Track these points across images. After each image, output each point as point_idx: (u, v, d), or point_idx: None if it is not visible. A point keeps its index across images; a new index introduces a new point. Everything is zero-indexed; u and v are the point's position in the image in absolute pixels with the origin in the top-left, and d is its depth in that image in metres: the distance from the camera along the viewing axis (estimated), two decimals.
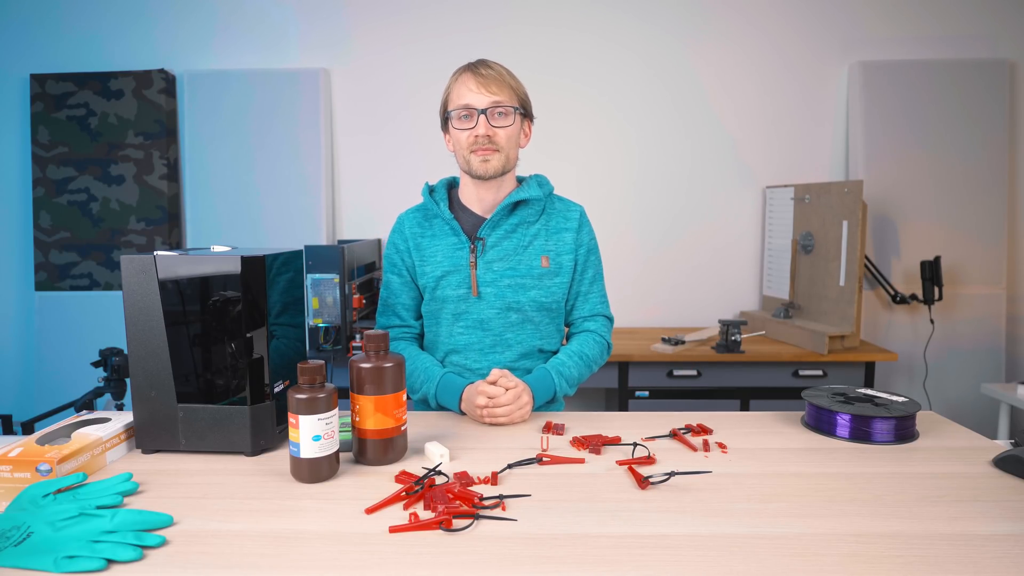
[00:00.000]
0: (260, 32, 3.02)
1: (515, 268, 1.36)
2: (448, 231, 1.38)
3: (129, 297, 1.07)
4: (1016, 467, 1.00)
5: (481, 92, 1.29)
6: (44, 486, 0.90)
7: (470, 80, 1.30)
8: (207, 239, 3.03)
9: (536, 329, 1.39)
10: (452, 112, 1.32)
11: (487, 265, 1.36)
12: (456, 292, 1.36)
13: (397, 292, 1.42)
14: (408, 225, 1.42)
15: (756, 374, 2.56)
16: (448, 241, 1.38)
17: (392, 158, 3.06)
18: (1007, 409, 2.57)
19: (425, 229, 1.40)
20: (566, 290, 1.42)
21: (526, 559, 0.77)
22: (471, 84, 1.30)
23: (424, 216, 1.42)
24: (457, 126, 1.32)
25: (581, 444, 1.14)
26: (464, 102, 1.30)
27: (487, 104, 1.29)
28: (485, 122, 1.29)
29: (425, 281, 1.38)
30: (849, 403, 1.21)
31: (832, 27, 2.95)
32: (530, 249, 1.37)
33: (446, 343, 1.40)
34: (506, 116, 1.31)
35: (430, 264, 1.38)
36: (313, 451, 0.97)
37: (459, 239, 1.37)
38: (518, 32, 2.96)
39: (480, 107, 1.29)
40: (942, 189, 2.90)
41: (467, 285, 1.36)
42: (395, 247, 1.42)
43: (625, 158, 3.04)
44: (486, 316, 1.36)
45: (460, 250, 1.36)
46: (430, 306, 1.40)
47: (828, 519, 0.86)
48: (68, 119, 2.98)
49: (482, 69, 1.31)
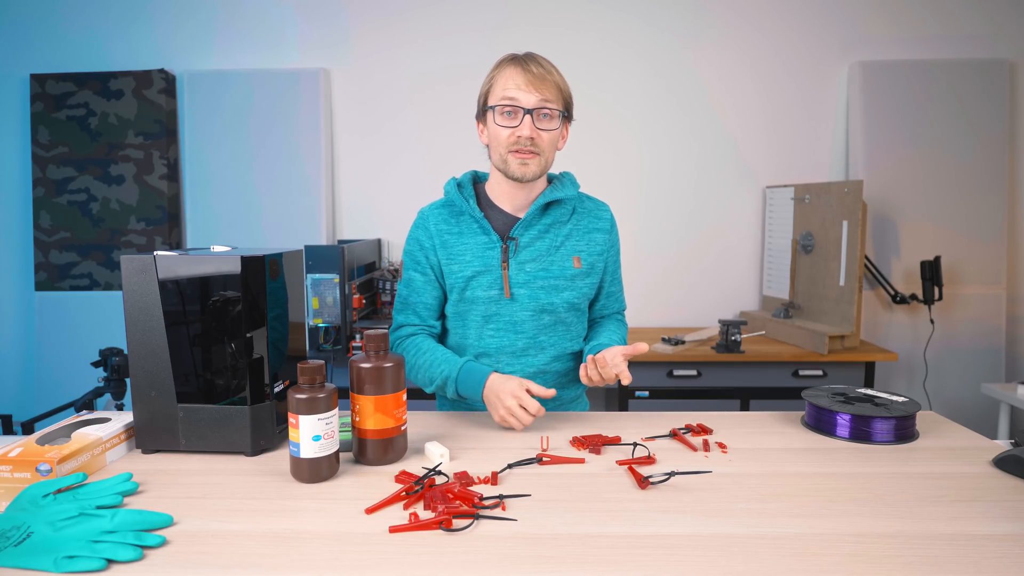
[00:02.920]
0: (260, 32, 3.02)
1: (547, 269, 1.31)
2: (477, 229, 1.32)
3: (129, 297, 1.07)
4: (1016, 467, 1.00)
5: (530, 90, 1.22)
6: (44, 486, 0.90)
7: (519, 75, 1.22)
8: (207, 239, 3.02)
9: (567, 330, 1.36)
10: (495, 106, 1.24)
11: (519, 266, 1.30)
12: (487, 293, 1.30)
13: (419, 290, 1.34)
14: (433, 221, 1.34)
15: (756, 374, 2.56)
16: (478, 240, 1.31)
17: (392, 158, 3.06)
18: (1007, 409, 2.57)
19: (452, 226, 1.33)
20: (595, 290, 1.40)
21: (526, 559, 0.77)
22: (519, 79, 1.22)
23: (450, 212, 1.34)
24: (500, 122, 1.24)
25: (581, 444, 1.14)
26: (511, 96, 1.22)
27: (534, 104, 1.22)
28: (530, 123, 1.22)
29: (453, 281, 1.32)
30: (849, 403, 1.21)
31: (832, 27, 2.95)
32: (562, 250, 1.33)
33: (475, 346, 1.34)
34: (551, 119, 1.25)
35: (458, 263, 1.31)
36: (313, 451, 0.97)
37: (490, 238, 1.31)
38: (519, 33, 2.96)
39: (527, 106, 1.22)
40: (942, 189, 2.90)
41: (499, 286, 1.30)
42: (419, 243, 1.34)
43: (625, 158, 3.04)
44: (519, 318, 1.31)
45: (491, 250, 1.31)
46: (458, 307, 1.34)
47: (828, 519, 0.86)
48: (68, 119, 2.98)
49: (532, 66, 1.23)
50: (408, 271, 1.36)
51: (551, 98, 1.24)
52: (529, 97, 1.22)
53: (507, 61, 1.27)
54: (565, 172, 1.42)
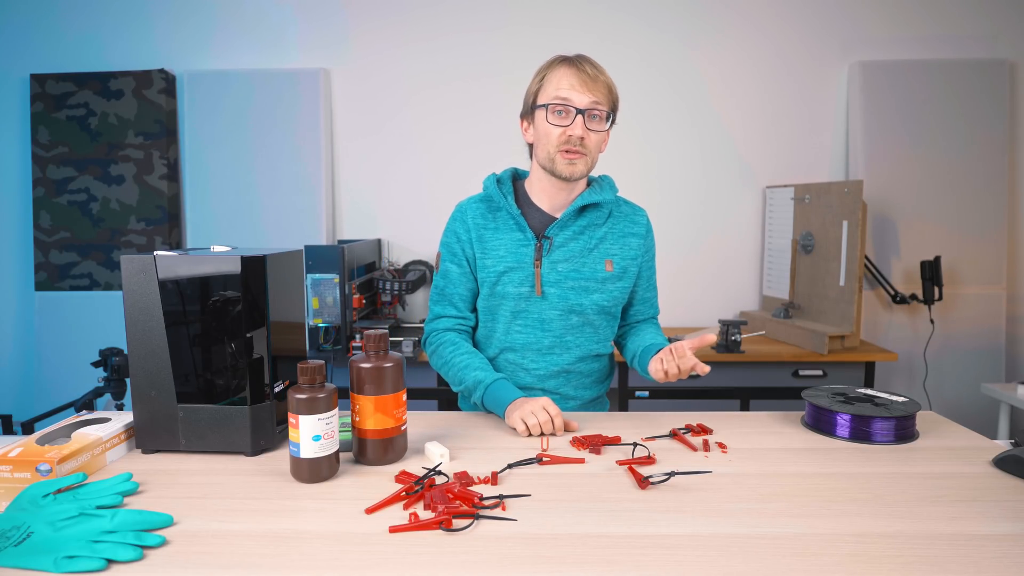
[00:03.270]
0: (260, 32, 3.02)
1: (579, 270, 1.33)
2: (513, 226, 1.33)
3: (129, 297, 1.07)
4: (1016, 467, 1.00)
5: (583, 91, 1.24)
6: (44, 486, 0.90)
7: (573, 75, 1.24)
8: (207, 239, 3.03)
9: (595, 332, 1.37)
10: (547, 104, 1.25)
11: (552, 265, 1.32)
12: (518, 290, 1.32)
13: (456, 282, 1.36)
14: (471, 215, 1.35)
15: (756, 374, 2.56)
16: (512, 236, 1.33)
17: (392, 158, 3.06)
18: (1007, 409, 2.57)
19: (488, 221, 1.34)
20: (627, 295, 1.40)
21: (526, 559, 0.77)
22: (574, 80, 1.24)
23: (488, 208, 1.36)
24: (552, 121, 1.25)
25: (581, 444, 1.14)
26: (564, 96, 1.24)
27: (587, 104, 1.24)
28: (582, 122, 1.24)
29: (485, 275, 1.33)
30: (849, 403, 1.21)
31: (832, 27, 2.95)
32: (595, 252, 1.35)
33: (502, 340, 1.36)
34: (600, 120, 1.28)
35: (491, 258, 1.33)
36: (313, 451, 0.97)
37: (524, 235, 1.32)
38: (519, 32, 2.96)
39: (580, 106, 1.24)
40: (942, 189, 2.90)
41: (530, 283, 1.31)
42: (456, 236, 1.35)
43: (625, 158, 3.03)
44: (548, 316, 1.33)
45: (525, 247, 1.32)
46: (488, 302, 1.35)
47: (828, 519, 0.86)
48: (68, 119, 2.98)
49: (587, 66, 1.26)
50: (445, 263, 1.37)
51: (602, 100, 1.26)
52: (582, 97, 1.24)
53: (559, 61, 1.28)
54: (604, 175, 1.44)
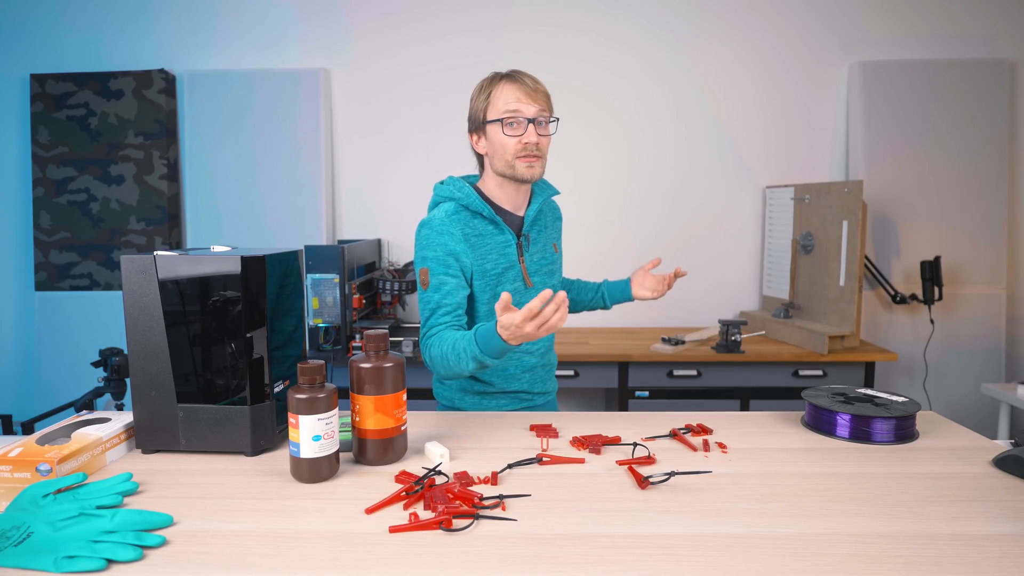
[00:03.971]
0: (260, 32, 3.02)
1: (544, 257, 1.52)
2: (493, 230, 1.44)
3: (129, 297, 1.07)
4: (1016, 467, 1.00)
5: (529, 102, 1.37)
6: (44, 486, 0.90)
7: (517, 89, 1.37)
8: (207, 239, 3.03)
9: None
10: (500, 119, 1.38)
11: (530, 257, 1.48)
12: (514, 285, 1.45)
13: (452, 292, 1.40)
14: (457, 227, 1.41)
15: (756, 374, 2.56)
16: (496, 239, 1.44)
17: (392, 158, 3.06)
18: (1007, 409, 2.57)
19: (473, 228, 1.42)
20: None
21: (526, 559, 0.77)
22: (519, 93, 1.37)
23: (469, 216, 1.43)
24: (507, 132, 1.37)
25: (581, 444, 1.14)
26: (513, 108, 1.36)
27: (535, 114, 1.37)
28: (534, 130, 1.37)
29: (486, 280, 1.43)
30: (849, 403, 1.21)
31: (832, 27, 2.95)
32: (548, 239, 1.55)
33: None
34: (546, 125, 1.41)
35: (489, 262, 1.43)
36: (313, 451, 0.97)
37: (505, 237, 1.44)
38: (519, 32, 2.96)
39: (529, 116, 1.36)
40: (942, 189, 2.90)
41: (520, 278, 1.47)
42: (448, 249, 1.39)
43: (625, 158, 3.04)
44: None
45: (508, 247, 1.45)
46: (491, 303, 1.44)
47: (828, 519, 0.86)
48: (68, 119, 2.98)
49: (527, 80, 1.39)
50: (438, 276, 1.40)
51: (545, 107, 1.39)
52: (530, 108, 1.37)
53: (500, 79, 1.41)
54: None
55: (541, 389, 1.53)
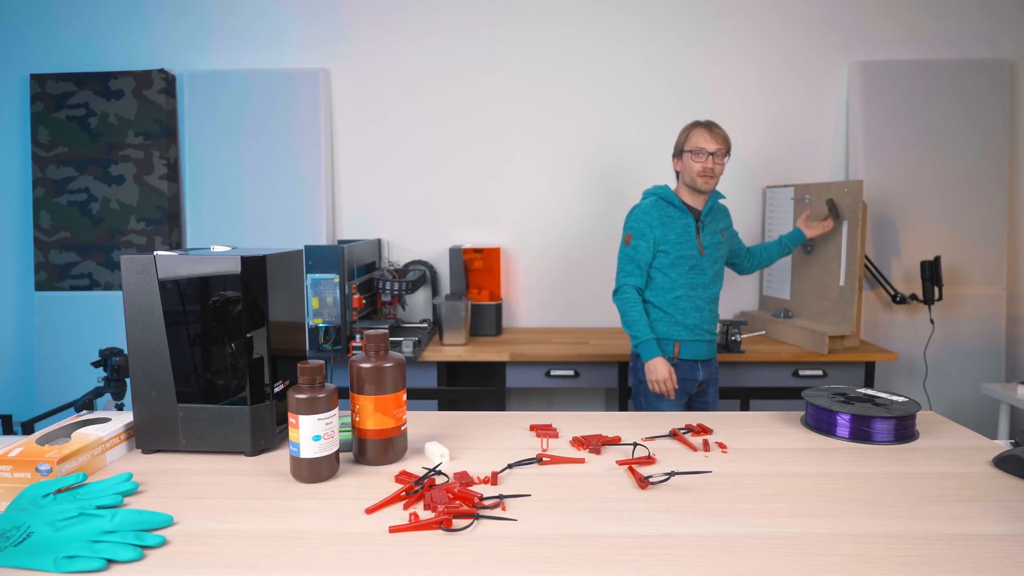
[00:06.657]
0: (259, 32, 3.02)
1: (714, 238, 2.17)
2: (680, 216, 2.12)
3: (129, 297, 1.07)
4: (1016, 467, 1.00)
5: (712, 142, 2.07)
6: (44, 486, 0.90)
7: (706, 133, 2.08)
8: (207, 239, 3.03)
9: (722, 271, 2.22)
10: (692, 150, 2.09)
11: (704, 235, 2.14)
12: (692, 252, 2.11)
13: (643, 252, 2.11)
14: (655, 211, 2.11)
15: (756, 374, 2.56)
16: (682, 222, 2.12)
17: (392, 158, 3.06)
18: (1007, 409, 2.57)
19: (665, 214, 2.12)
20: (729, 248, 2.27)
21: (526, 559, 0.77)
22: (707, 136, 2.08)
23: (664, 205, 2.14)
24: (695, 160, 2.09)
25: (581, 444, 1.14)
26: (701, 145, 2.08)
27: (714, 149, 2.07)
28: (712, 160, 2.08)
29: (669, 246, 2.10)
30: (849, 403, 1.21)
31: (832, 27, 2.95)
32: (715, 226, 2.18)
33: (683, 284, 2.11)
34: (721, 157, 2.10)
35: (673, 234, 2.10)
36: (313, 451, 0.97)
37: (688, 220, 2.12)
38: (519, 31, 2.96)
39: (711, 150, 2.07)
40: (942, 189, 2.90)
41: (695, 248, 2.11)
42: (646, 223, 2.11)
43: (625, 157, 3.04)
44: (704, 265, 2.13)
45: (690, 228, 2.12)
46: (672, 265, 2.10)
47: (828, 519, 0.86)
48: (68, 119, 2.98)
49: (715, 128, 2.09)
50: (636, 240, 2.11)
51: (723, 147, 2.09)
52: (711, 145, 2.08)
53: (696, 125, 2.13)
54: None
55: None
